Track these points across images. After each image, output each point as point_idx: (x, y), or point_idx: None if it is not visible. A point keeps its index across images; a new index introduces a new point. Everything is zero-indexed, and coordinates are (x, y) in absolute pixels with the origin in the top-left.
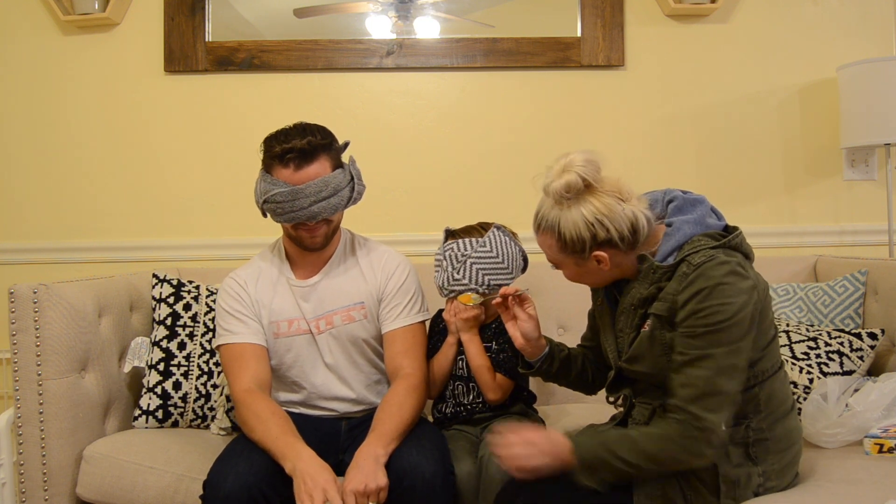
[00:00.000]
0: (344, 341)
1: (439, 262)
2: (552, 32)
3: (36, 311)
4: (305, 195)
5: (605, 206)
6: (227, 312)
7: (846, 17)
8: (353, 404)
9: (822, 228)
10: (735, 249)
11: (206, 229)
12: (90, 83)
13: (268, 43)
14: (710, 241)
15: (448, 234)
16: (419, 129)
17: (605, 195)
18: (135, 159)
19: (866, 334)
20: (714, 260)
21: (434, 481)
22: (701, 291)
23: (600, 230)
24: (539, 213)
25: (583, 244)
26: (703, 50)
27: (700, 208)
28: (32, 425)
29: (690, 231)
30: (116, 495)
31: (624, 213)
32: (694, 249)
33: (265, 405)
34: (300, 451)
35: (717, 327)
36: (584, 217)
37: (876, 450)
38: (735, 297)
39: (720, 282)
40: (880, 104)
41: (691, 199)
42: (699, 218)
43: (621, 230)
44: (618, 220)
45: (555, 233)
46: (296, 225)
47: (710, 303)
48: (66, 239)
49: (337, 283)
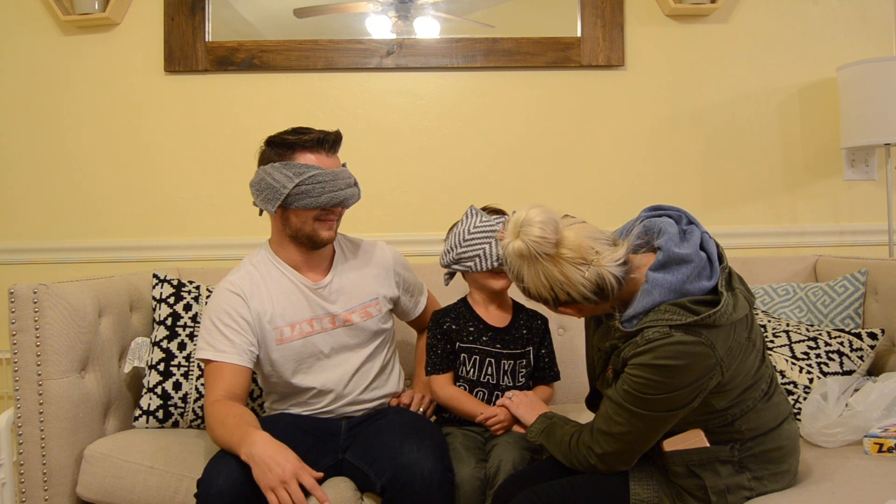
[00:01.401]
0: (361, 337)
1: (491, 233)
2: (552, 32)
3: (36, 311)
4: (342, 177)
5: (563, 274)
6: (214, 326)
7: (846, 17)
8: (356, 405)
9: (822, 228)
10: (708, 326)
11: (205, 229)
12: (90, 83)
13: (268, 43)
14: (676, 315)
15: (487, 210)
16: (419, 129)
17: (564, 262)
18: (135, 159)
19: (866, 334)
20: (667, 339)
21: (432, 479)
22: (644, 366)
23: (561, 294)
24: (502, 255)
25: (546, 301)
26: (703, 50)
27: (684, 268)
28: (32, 425)
29: (661, 297)
30: (117, 495)
31: (585, 278)
32: (654, 322)
33: (228, 408)
34: (254, 436)
35: (643, 396)
36: (542, 283)
37: (876, 449)
38: (673, 378)
39: (663, 364)
40: (880, 104)
41: (676, 256)
42: (677, 284)
43: (583, 293)
44: (577, 287)
45: (520, 283)
46: (320, 214)
47: (647, 376)
48: (65, 239)
49: (350, 281)
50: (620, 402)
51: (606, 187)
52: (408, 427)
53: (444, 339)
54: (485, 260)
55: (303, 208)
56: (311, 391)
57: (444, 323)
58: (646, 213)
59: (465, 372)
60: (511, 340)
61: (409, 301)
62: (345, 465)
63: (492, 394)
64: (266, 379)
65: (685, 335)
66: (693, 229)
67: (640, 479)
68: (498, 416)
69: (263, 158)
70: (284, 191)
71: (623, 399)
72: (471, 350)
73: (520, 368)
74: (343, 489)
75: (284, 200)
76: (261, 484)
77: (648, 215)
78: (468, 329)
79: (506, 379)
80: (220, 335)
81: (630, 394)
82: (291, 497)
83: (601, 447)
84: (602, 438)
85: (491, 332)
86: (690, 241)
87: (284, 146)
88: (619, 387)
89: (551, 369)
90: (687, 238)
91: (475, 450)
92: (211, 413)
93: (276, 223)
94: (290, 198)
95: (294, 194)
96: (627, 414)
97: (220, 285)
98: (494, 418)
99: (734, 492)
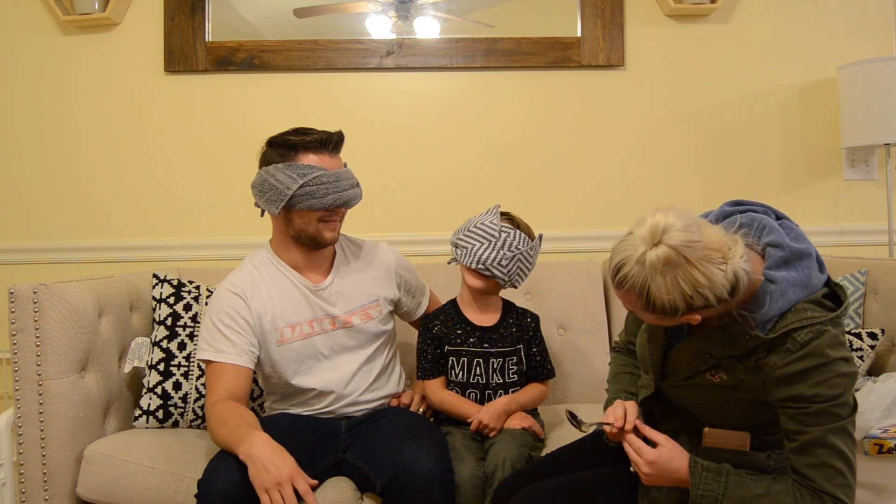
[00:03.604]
0: (361, 339)
1: (490, 235)
2: (552, 32)
3: (36, 311)
4: (345, 178)
5: (706, 277)
6: (214, 327)
7: (846, 17)
8: (356, 406)
9: (822, 228)
10: (838, 322)
11: (206, 229)
12: (90, 83)
13: (268, 43)
14: (818, 311)
15: (506, 216)
16: (419, 129)
17: (708, 263)
18: (135, 159)
19: (866, 334)
20: (824, 336)
21: (432, 479)
22: (808, 370)
23: (698, 300)
24: (620, 267)
25: (675, 311)
26: (703, 50)
27: (807, 263)
28: (32, 425)
29: (795, 296)
30: (117, 495)
31: (726, 278)
32: (800, 323)
33: (229, 408)
34: (254, 437)
35: (835, 402)
36: (682, 289)
37: (875, 450)
38: (851, 368)
39: (830, 360)
40: (880, 104)
41: (798, 251)
42: (806, 279)
43: (720, 294)
44: (718, 288)
45: (642, 297)
46: (324, 215)
47: (821, 379)
48: (66, 239)
49: (350, 283)
50: (823, 433)
51: (606, 187)
52: (408, 427)
53: (433, 343)
54: (468, 256)
55: (307, 209)
56: (312, 392)
57: (433, 327)
58: (730, 208)
59: (455, 375)
60: (499, 339)
61: (411, 302)
62: (345, 465)
63: (483, 393)
64: (267, 379)
65: (834, 328)
66: (790, 223)
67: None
68: (483, 423)
69: (265, 159)
70: (289, 192)
71: (822, 422)
72: (459, 353)
73: (510, 366)
74: (343, 489)
75: (289, 202)
76: (255, 484)
77: (732, 210)
78: (455, 332)
79: (496, 377)
80: (220, 336)
81: (823, 413)
82: (284, 500)
83: (845, 496)
84: (838, 482)
85: (478, 332)
86: (798, 234)
87: (287, 147)
88: (804, 420)
89: (544, 367)
90: (790, 232)
91: (474, 448)
92: (212, 413)
93: (279, 224)
94: (294, 199)
95: (298, 195)
96: (842, 433)
97: (220, 286)
98: (485, 428)
99: None
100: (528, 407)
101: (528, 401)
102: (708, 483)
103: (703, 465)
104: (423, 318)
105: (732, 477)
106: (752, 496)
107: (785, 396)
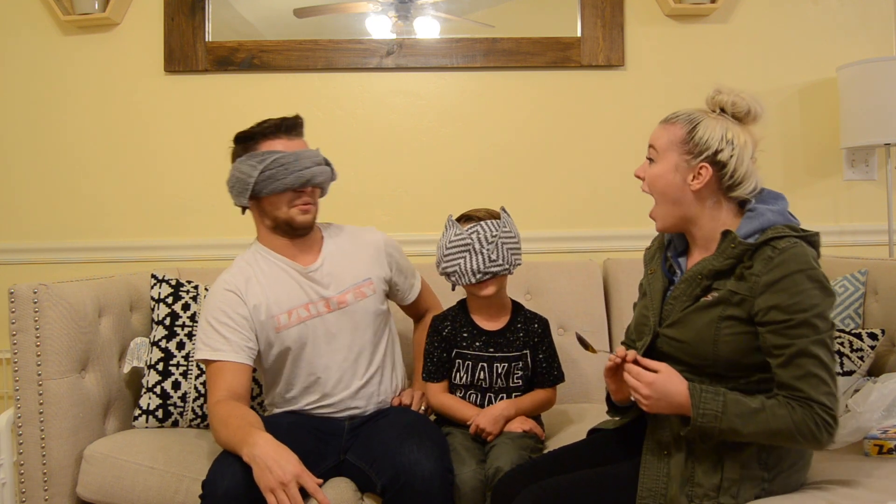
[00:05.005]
0: (357, 319)
1: (465, 246)
2: (552, 32)
3: (36, 311)
4: (306, 157)
5: (743, 141)
6: (210, 326)
7: (846, 17)
8: (358, 399)
9: (822, 228)
10: (813, 247)
11: (205, 229)
12: (90, 83)
13: (268, 43)
14: (793, 232)
15: (463, 219)
16: (419, 129)
17: (749, 136)
18: (135, 159)
19: (866, 334)
20: (798, 247)
21: (432, 479)
22: (788, 276)
23: (727, 150)
24: (681, 110)
25: (704, 149)
26: (703, 50)
27: (782, 203)
28: (32, 425)
29: (773, 219)
30: (117, 495)
31: (750, 160)
32: (779, 234)
33: (230, 408)
34: (256, 437)
35: (814, 311)
36: (725, 132)
37: (876, 451)
38: (824, 283)
39: (808, 267)
40: (880, 104)
41: (773, 193)
42: (782, 210)
43: (738, 167)
44: (742, 158)
45: (689, 125)
46: (292, 197)
47: (801, 287)
48: (66, 239)
49: (341, 263)
50: (808, 344)
51: (606, 187)
52: (408, 427)
53: (441, 345)
54: (462, 276)
55: (271, 193)
56: (312, 378)
57: (443, 329)
58: None
59: (460, 378)
60: (505, 343)
61: (405, 283)
62: (346, 465)
63: (485, 396)
64: (267, 373)
65: (810, 249)
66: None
67: (649, 469)
68: (481, 427)
69: (233, 156)
70: (251, 180)
71: (806, 334)
72: (464, 356)
73: (515, 371)
74: (343, 489)
75: (253, 190)
76: (260, 485)
77: None
78: (462, 335)
79: (500, 382)
80: (216, 334)
81: (803, 323)
82: (290, 499)
83: (833, 402)
84: (826, 390)
85: (484, 336)
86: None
87: (248, 139)
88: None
89: (550, 373)
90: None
91: (475, 450)
92: (214, 413)
93: (256, 216)
94: (257, 186)
95: (260, 181)
96: (824, 346)
97: (214, 286)
98: (483, 433)
99: (746, 486)
100: (529, 412)
101: (529, 406)
102: (707, 402)
103: (701, 388)
104: (433, 319)
105: (730, 395)
106: (750, 411)
107: (768, 306)
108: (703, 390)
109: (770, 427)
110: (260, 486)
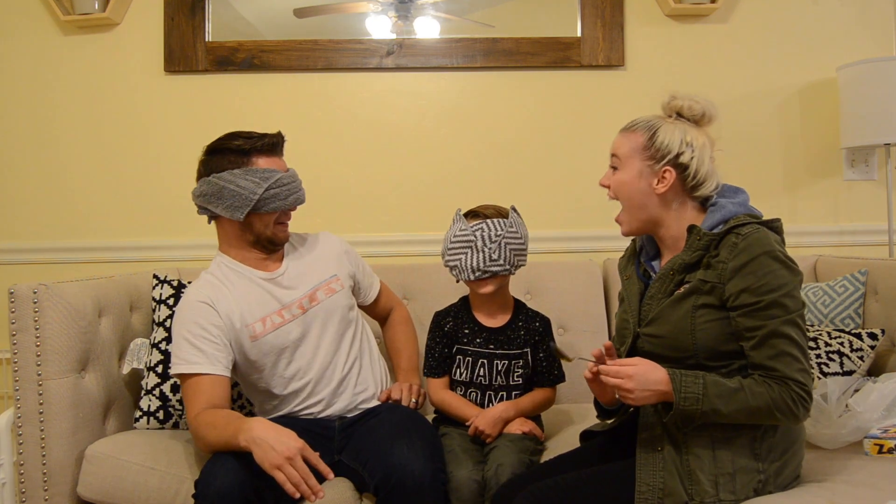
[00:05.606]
0: (331, 315)
1: (467, 242)
2: (552, 32)
3: (36, 311)
4: (297, 178)
5: (702, 142)
6: (184, 340)
7: (846, 17)
8: (342, 392)
9: (821, 228)
10: (776, 232)
11: (205, 229)
12: (90, 83)
13: (268, 43)
14: (755, 220)
15: (470, 214)
16: (419, 129)
17: (706, 138)
18: (135, 159)
19: (866, 334)
20: (761, 232)
21: (423, 478)
22: (754, 260)
23: (688, 152)
24: (639, 118)
25: (666, 154)
26: (703, 50)
27: (742, 195)
28: (32, 425)
29: (735, 209)
30: (118, 496)
31: (709, 160)
32: (742, 221)
33: (213, 413)
34: (251, 423)
35: (783, 291)
36: (684, 135)
37: (876, 450)
38: (789, 263)
39: (772, 249)
40: (880, 104)
41: (733, 187)
42: (743, 201)
43: (699, 167)
44: (702, 159)
45: (648, 132)
46: (280, 216)
47: (767, 269)
48: (66, 239)
49: (304, 265)
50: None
51: None
52: (399, 427)
53: (442, 341)
54: (462, 272)
55: (271, 211)
56: (294, 380)
57: (445, 325)
58: None
59: (460, 374)
60: (506, 341)
61: (364, 280)
62: (341, 466)
63: (484, 394)
64: (249, 382)
65: (771, 233)
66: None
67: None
68: (479, 429)
69: (215, 167)
70: (254, 196)
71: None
72: (465, 352)
73: (515, 369)
74: (343, 490)
75: (255, 205)
76: (265, 465)
77: None
78: (463, 331)
79: (499, 379)
80: (191, 347)
81: (773, 304)
82: (299, 471)
83: (807, 379)
84: (799, 367)
85: (486, 332)
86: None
87: (239, 153)
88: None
89: (550, 372)
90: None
91: (473, 452)
92: (197, 424)
93: (234, 230)
94: (260, 202)
95: (264, 199)
96: (794, 325)
97: (183, 299)
98: (482, 434)
99: (743, 481)
100: (529, 412)
101: (529, 406)
102: (688, 386)
103: (681, 373)
104: (435, 315)
105: (709, 377)
106: (729, 391)
107: (738, 290)
108: (683, 374)
109: (749, 405)
110: (265, 467)
